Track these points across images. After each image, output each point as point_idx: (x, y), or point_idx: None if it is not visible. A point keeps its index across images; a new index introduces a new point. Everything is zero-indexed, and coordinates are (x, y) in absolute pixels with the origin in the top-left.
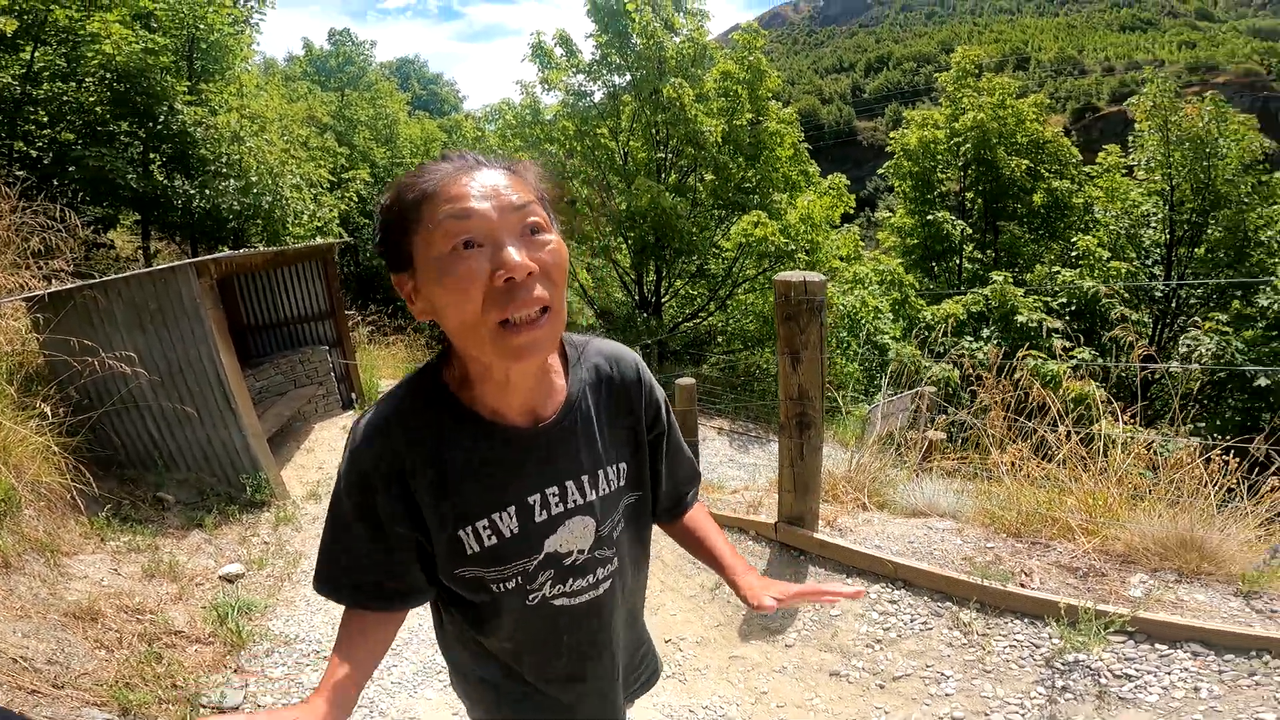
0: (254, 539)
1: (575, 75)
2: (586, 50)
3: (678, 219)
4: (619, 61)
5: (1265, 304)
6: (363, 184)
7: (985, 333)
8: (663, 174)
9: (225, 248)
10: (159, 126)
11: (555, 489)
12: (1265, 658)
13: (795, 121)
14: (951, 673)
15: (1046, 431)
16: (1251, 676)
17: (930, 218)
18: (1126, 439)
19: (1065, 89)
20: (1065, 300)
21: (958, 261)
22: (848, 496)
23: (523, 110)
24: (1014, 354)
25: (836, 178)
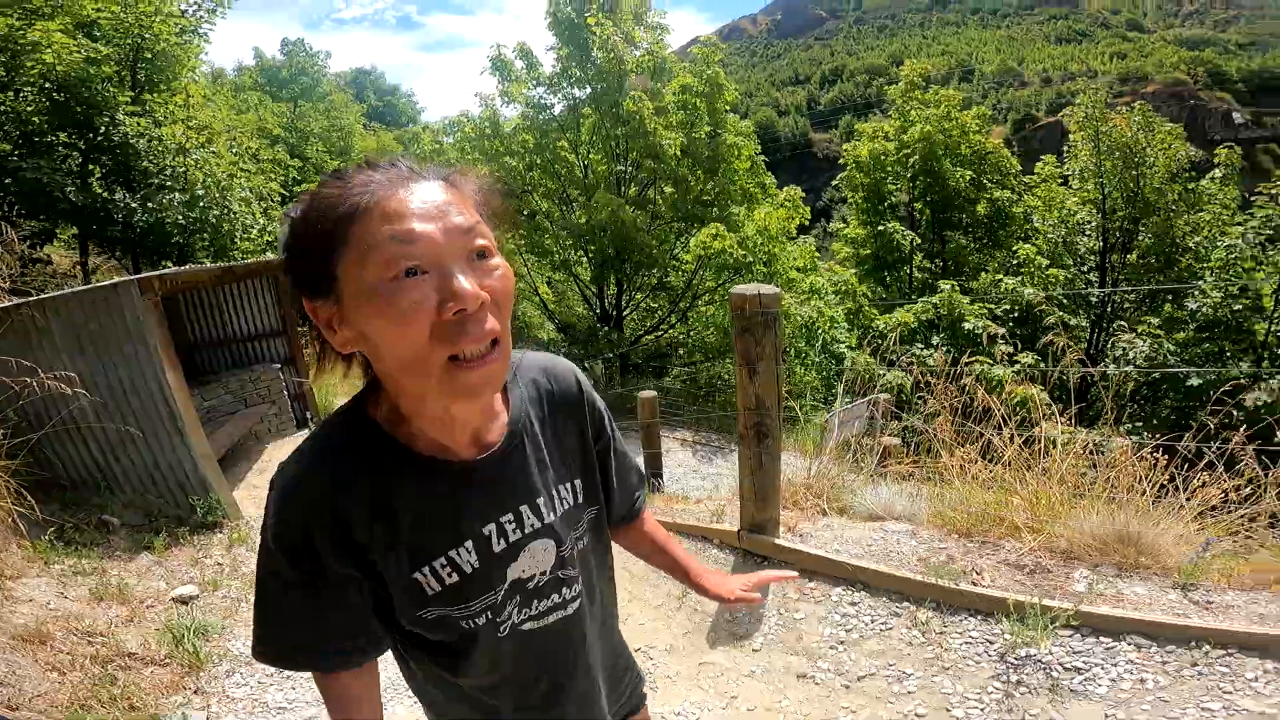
0: (207, 561)
1: (536, 88)
2: (547, 63)
3: (638, 232)
4: (579, 74)
5: (1194, 307)
6: None
7: (935, 340)
8: (623, 187)
9: (169, 263)
10: (99, 138)
11: (510, 516)
12: (1205, 648)
13: (752, 134)
14: (913, 671)
15: (992, 435)
16: (1194, 667)
17: (882, 228)
18: (1066, 440)
19: (1007, 100)
20: (1009, 307)
21: (908, 271)
22: (808, 503)
23: (482, 123)
24: (961, 360)
25: (792, 190)
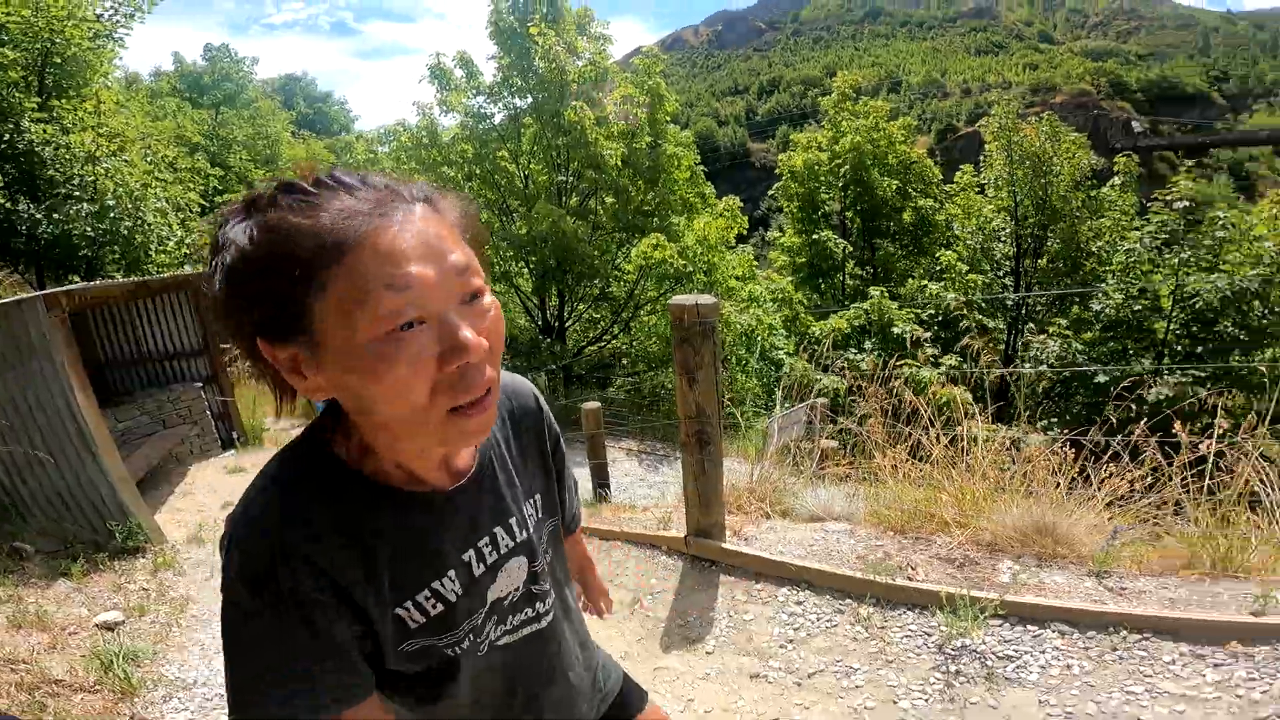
0: (131, 586)
1: (476, 97)
2: (488, 72)
3: (579, 242)
4: (521, 84)
5: (1099, 309)
6: None
7: (867, 344)
8: (564, 197)
9: (76, 277)
10: (2, 145)
11: (486, 539)
12: (1123, 633)
13: (692, 144)
14: (859, 665)
15: (921, 434)
16: (1114, 652)
17: (816, 237)
18: (987, 437)
19: (931, 110)
20: (934, 312)
21: (841, 278)
22: (752, 507)
23: (419, 132)
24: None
25: (731, 199)
